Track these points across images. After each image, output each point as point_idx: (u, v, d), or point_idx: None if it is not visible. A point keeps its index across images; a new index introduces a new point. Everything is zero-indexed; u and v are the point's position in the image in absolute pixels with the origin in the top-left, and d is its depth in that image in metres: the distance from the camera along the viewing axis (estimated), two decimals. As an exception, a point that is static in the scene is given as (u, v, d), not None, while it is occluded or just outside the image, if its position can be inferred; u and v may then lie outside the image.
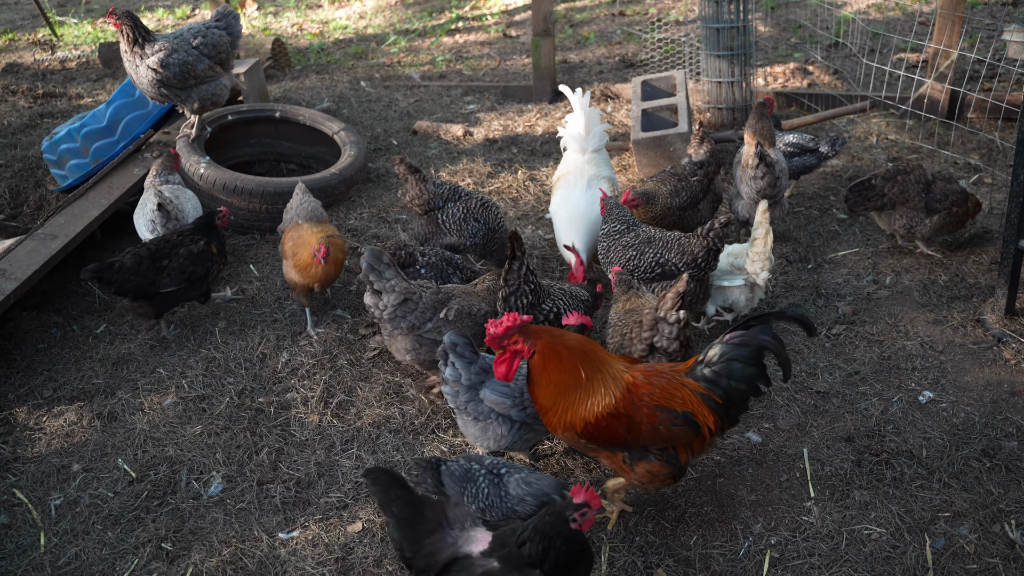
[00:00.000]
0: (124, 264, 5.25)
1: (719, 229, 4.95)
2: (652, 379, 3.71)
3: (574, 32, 11.18)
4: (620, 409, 3.61)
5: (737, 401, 3.73)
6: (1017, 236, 4.96)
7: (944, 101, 7.56)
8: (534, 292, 4.64)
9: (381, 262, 4.60)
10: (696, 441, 3.73)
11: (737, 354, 3.69)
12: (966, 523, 3.91)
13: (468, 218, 5.64)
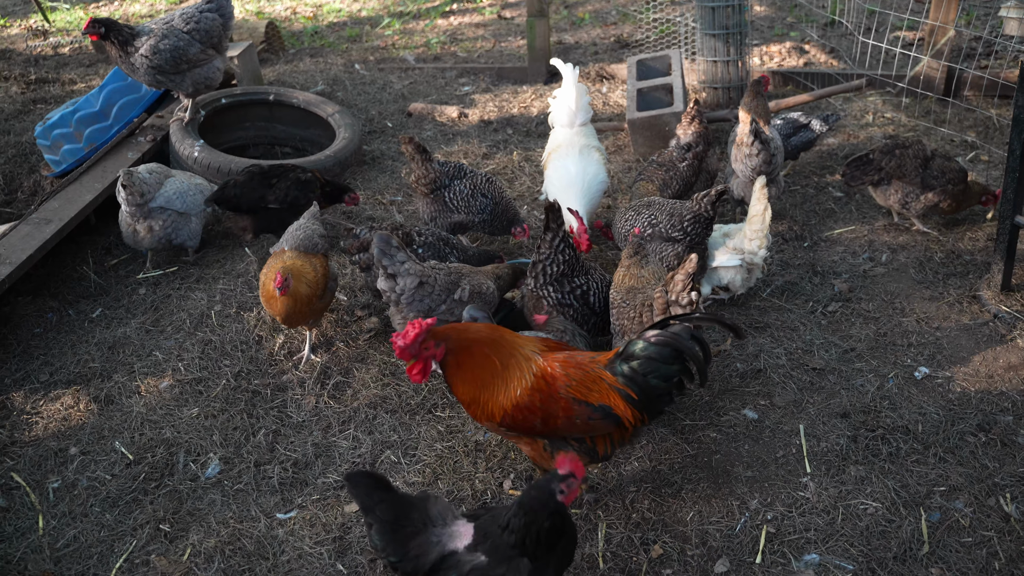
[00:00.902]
0: (239, 181, 5.95)
1: (713, 197, 4.96)
2: (570, 371, 3.66)
3: (569, 13, 11.13)
4: (536, 403, 3.58)
5: (655, 397, 3.70)
6: (1013, 212, 4.95)
7: (941, 79, 7.54)
8: (568, 263, 4.63)
9: (391, 246, 4.57)
10: (616, 432, 3.72)
11: (657, 353, 3.65)
12: (961, 497, 3.92)
13: (476, 194, 5.65)
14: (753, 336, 5.03)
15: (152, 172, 5.92)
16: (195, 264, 6.12)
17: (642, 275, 4.48)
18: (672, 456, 4.24)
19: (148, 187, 5.79)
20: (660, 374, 3.65)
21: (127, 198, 5.71)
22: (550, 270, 4.62)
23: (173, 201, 5.85)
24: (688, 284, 4.08)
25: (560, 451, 3.70)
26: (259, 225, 6.06)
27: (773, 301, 5.34)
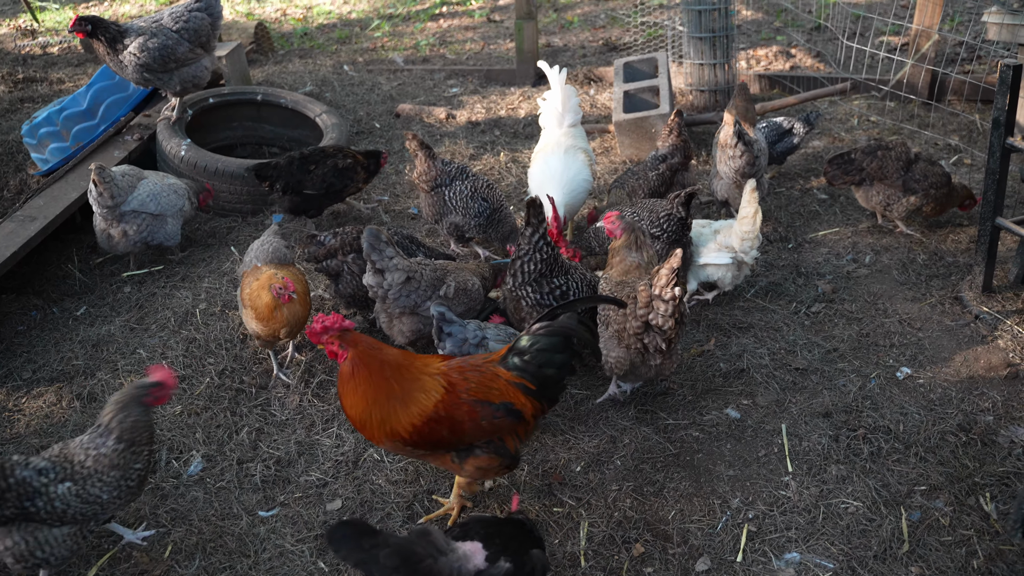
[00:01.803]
0: (279, 163, 6.08)
1: (683, 198, 5.00)
2: (467, 374, 3.67)
3: (558, 16, 11.16)
4: (440, 412, 3.57)
5: (551, 384, 3.74)
6: (994, 214, 4.99)
7: (925, 83, 7.60)
8: (546, 262, 4.58)
9: (380, 241, 4.57)
10: (520, 427, 3.72)
11: (547, 343, 3.67)
12: (942, 496, 3.95)
13: (476, 197, 5.66)
14: (736, 336, 5.05)
15: (124, 175, 5.85)
16: (181, 263, 6.11)
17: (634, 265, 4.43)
18: (655, 455, 4.25)
19: (119, 189, 5.71)
20: (554, 363, 3.69)
21: (98, 198, 5.64)
22: (528, 267, 4.57)
23: (147, 203, 5.81)
24: (672, 279, 4.04)
25: (468, 458, 3.69)
26: (294, 206, 6.17)
27: (757, 302, 5.37)
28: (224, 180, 6.51)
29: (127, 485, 3.64)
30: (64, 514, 3.51)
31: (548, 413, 3.88)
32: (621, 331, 4.21)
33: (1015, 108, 4.81)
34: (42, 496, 3.48)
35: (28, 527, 3.50)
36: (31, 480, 3.48)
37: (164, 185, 5.96)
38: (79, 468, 3.55)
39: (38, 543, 3.53)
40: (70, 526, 3.57)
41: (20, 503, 3.45)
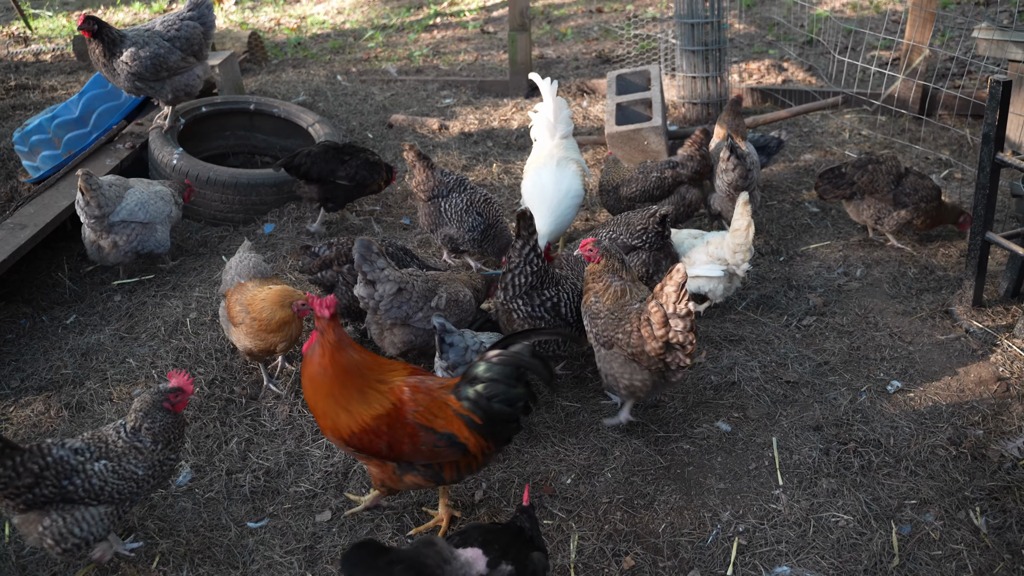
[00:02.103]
0: (312, 151, 6.19)
1: (657, 218, 5.08)
2: (418, 396, 3.63)
3: (551, 28, 11.20)
4: (381, 427, 3.57)
5: (501, 423, 3.64)
6: (984, 228, 5.02)
7: (916, 97, 7.64)
8: (536, 275, 4.56)
9: (372, 251, 4.56)
10: (463, 460, 3.67)
11: (500, 373, 3.61)
12: (932, 510, 3.95)
13: (470, 210, 5.65)
14: (728, 349, 5.05)
15: (112, 185, 5.81)
16: (172, 272, 6.09)
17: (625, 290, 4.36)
18: (645, 468, 4.25)
19: (107, 199, 5.68)
20: (504, 398, 3.60)
21: (85, 207, 5.62)
22: (519, 281, 4.54)
23: (136, 213, 5.79)
24: (680, 294, 4.02)
25: (407, 473, 3.69)
26: (325, 195, 6.26)
27: (748, 314, 5.37)
28: (216, 189, 6.50)
29: (160, 471, 3.76)
30: (101, 492, 3.60)
31: (495, 452, 3.78)
32: (638, 354, 4.14)
33: (1005, 123, 4.83)
34: (80, 474, 3.55)
35: (66, 507, 3.58)
36: (68, 459, 3.56)
37: (151, 192, 5.94)
38: (113, 447, 3.66)
39: (76, 522, 3.59)
40: (107, 505, 3.64)
41: (58, 482, 3.52)
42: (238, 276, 4.88)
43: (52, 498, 3.54)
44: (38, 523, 3.56)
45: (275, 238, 6.39)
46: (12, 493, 3.47)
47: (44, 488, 3.51)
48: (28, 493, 3.49)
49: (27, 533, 3.61)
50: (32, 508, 3.54)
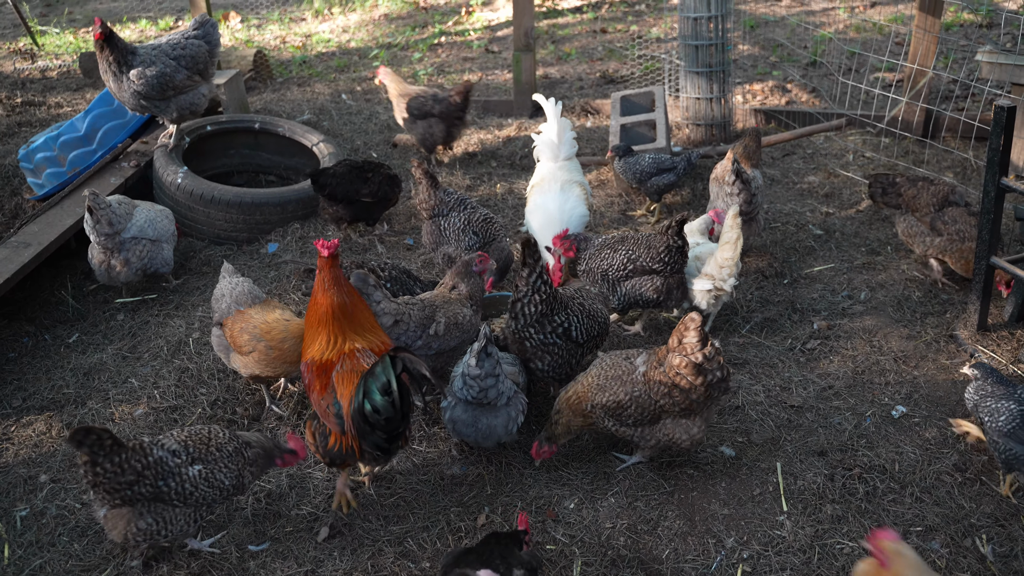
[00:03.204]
0: (337, 171, 6.30)
1: (675, 226, 5.00)
2: (351, 362, 3.94)
3: (556, 48, 11.24)
4: (312, 369, 4.00)
5: (361, 418, 3.72)
6: (988, 253, 5.01)
7: (919, 120, 7.65)
8: (545, 302, 4.51)
9: (368, 284, 4.53)
10: (343, 439, 3.90)
11: (376, 369, 3.71)
12: (938, 537, 3.92)
13: (467, 230, 5.65)
14: (732, 372, 5.02)
15: (120, 203, 5.85)
16: (175, 291, 6.09)
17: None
18: (649, 492, 4.22)
19: (117, 216, 5.71)
20: (370, 399, 3.70)
21: (95, 226, 5.63)
22: (528, 310, 4.49)
23: (146, 230, 5.81)
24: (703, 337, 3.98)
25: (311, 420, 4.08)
26: (352, 214, 6.38)
27: (752, 337, 5.36)
28: (220, 208, 6.51)
29: (241, 483, 3.90)
30: (190, 496, 3.73)
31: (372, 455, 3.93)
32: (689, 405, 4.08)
33: (1009, 149, 4.83)
34: (175, 477, 3.69)
35: (155, 506, 3.71)
36: (166, 461, 3.69)
37: (157, 211, 6.00)
38: (210, 452, 3.81)
39: (164, 522, 3.74)
40: (191, 508, 3.77)
41: (156, 482, 3.66)
42: (236, 304, 4.80)
43: (147, 496, 3.66)
44: (133, 520, 3.69)
45: (278, 257, 6.39)
46: (113, 488, 3.59)
47: (143, 487, 3.63)
48: (128, 490, 3.61)
49: (112, 528, 3.72)
50: (128, 504, 3.66)
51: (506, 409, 4.25)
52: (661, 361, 4.09)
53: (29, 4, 14.11)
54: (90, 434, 3.53)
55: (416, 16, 12.93)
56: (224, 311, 4.83)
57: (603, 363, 4.27)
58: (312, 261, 6.17)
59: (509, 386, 4.29)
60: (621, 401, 4.12)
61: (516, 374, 4.49)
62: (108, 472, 3.57)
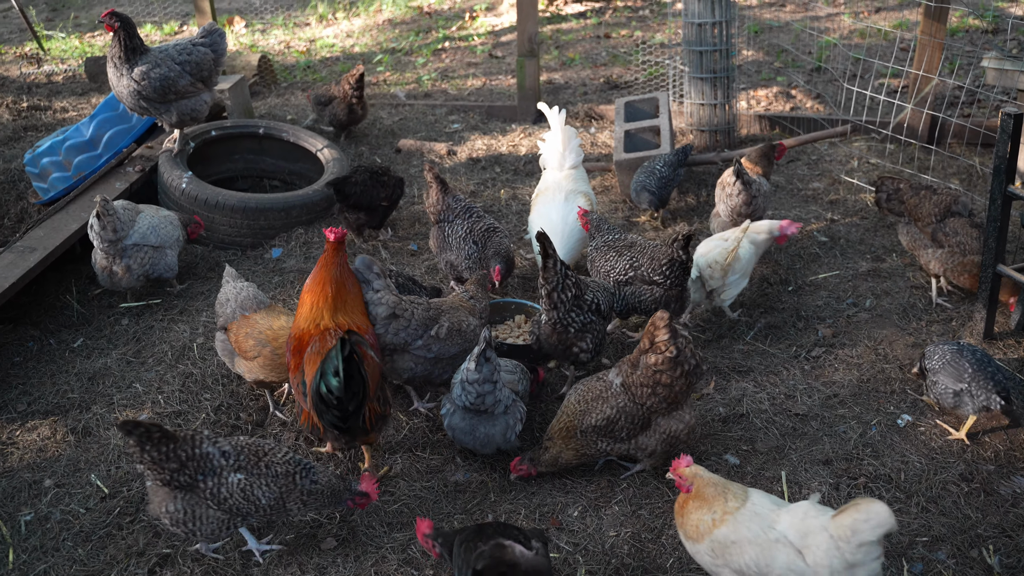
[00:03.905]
0: (358, 180, 6.39)
1: (681, 241, 4.98)
2: (323, 340, 4.17)
3: (559, 53, 11.24)
4: (291, 341, 4.28)
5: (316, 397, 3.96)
6: (995, 261, 4.99)
7: (924, 126, 7.63)
8: (575, 286, 4.68)
9: (371, 271, 4.53)
10: (309, 416, 4.16)
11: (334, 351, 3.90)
12: (944, 548, 3.90)
13: (468, 239, 5.65)
14: (736, 380, 5.02)
15: (125, 208, 5.87)
16: (179, 296, 6.09)
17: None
18: (653, 501, 4.21)
19: (122, 223, 5.73)
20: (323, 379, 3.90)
21: (100, 232, 5.65)
22: (566, 296, 4.62)
23: (148, 236, 5.82)
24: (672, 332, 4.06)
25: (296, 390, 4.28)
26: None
27: (757, 345, 5.35)
28: (224, 213, 6.51)
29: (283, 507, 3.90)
30: (224, 501, 3.77)
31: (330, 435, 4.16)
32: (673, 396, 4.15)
33: (1016, 156, 4.82)
34: (214, 477, 3.76)
35: (191, 498, 3.77)
36: (213, 458, 3.77)
37: (161, 217, 6.01)
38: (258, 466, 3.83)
39: (194, 516, 3.79)
40: (223, 514, 3.81)
41: (194, 475, 3.73)
42: (241, 309, 4.80)
43: (184, 486, 3.74)
44: (166, 501, 3.77)
45: (282, 263, 6.39)
46: (158, 469, 3.70)
47: (182, 476, 3.72)
48: (168, 474, 3.70)
49: (151, 500, 3.84)
50: (167, 485, 3.74)
51: (504, 417, 4.25)
52: (636, 364, 4.15)
53: (35, 8, 14.16)
54: (139, 427, 3.66)
55: (420, 21, 12.95)
56: (229, 316, 4.83)
57: (578, 389, 4.31)
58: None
59: (507, 395, 4.30)
60: (610, 416, 4.15)
61: (515, 383, 4.49)
62: (155, 458, 3.69)
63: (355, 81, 8.03)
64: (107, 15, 6.34)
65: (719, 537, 3.36)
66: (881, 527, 3.10)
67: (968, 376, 4.36)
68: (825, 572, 3.18)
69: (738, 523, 3.34)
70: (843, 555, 3.15)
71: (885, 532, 3.11)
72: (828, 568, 3.17)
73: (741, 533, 3.32)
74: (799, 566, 3.22)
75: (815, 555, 3.20)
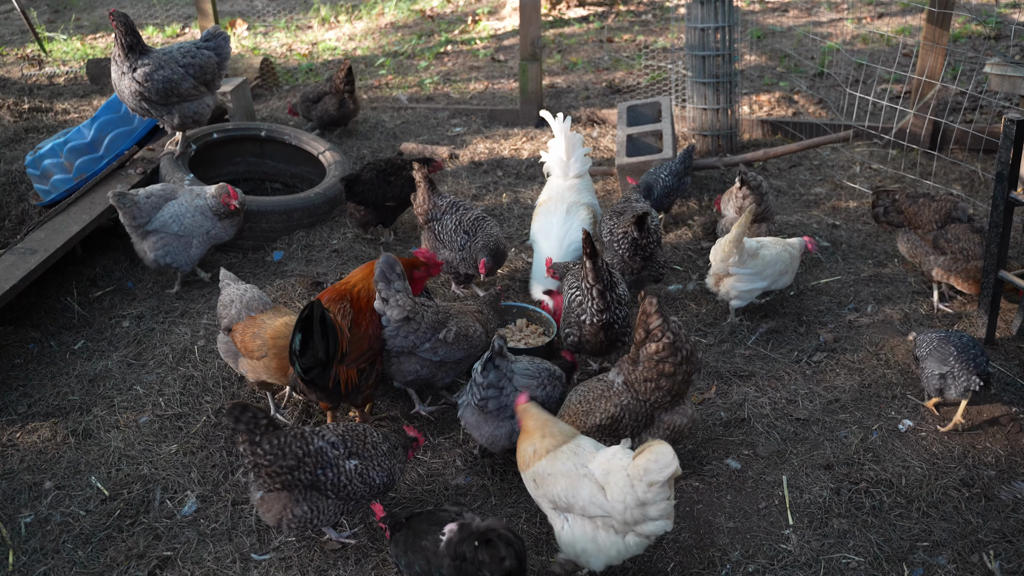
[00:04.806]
0: (366, 179, 6.43)
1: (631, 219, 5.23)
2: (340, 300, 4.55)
3: (562, 57, 11.25)
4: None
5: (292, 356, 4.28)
6: (997, 266, 4.99)
7: (927, 132, 7.64)
8: (619, 283, 4.79)
9: (394, 271, 4.52)
10: None
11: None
12: (944, 553, 3.90)
13: (458, 230, 5.63)
14: (738, 384, 5.02)
15: (151, 195, 5.98)
16: (179, 298, 6.09)
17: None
18: (654, 505, 4.20)
19: (141, 211, 5.88)
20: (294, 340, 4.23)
21: (123, 219, 5.90)
22: (613, 294, 4.69)
23: (169, 224, 5.90)
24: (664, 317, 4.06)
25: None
26: (378, 218, 6.59)
27: (758, 350, 5.34)
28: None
29: (392, 480, 4.01)
30: (344, 489, 3.84)
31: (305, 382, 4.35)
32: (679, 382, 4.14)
33: (1019, 162, 4.82)
34: (333, 468, 3.81)
35: (311, 495, 3.82)
36: (326, 451, 3.81)
37: (191, 207, 5.99)
38: (369, 448, 3.94)
39: (318, 511, 3.85)
40: (342, 501, 3.88)
41: (315, 471, 3.77)
42: (247, 310, 4.81)
43: (304, 484, 3.77)
44: (290, 507, 3.79)
45: (283, 265, 6.39)
46: (275, 472, 3.71)
47: (302, 473, 3.75)
48: (288, 475, 3.72)
49: (266, 510, 3.83)
50: (287, 489, 3.77)
51: (510, 422, 4.24)
52: (636, 360, 4.14)
53: (37, 10, 14.18)
54: (247, 411, 3.71)
55: (422, 25, 12.96)
56: (234, 317, 4.83)
57: (578, 390, 4.31)
58: (314, 270, 6.18)
59: None
60: (614, 415, 4.13)
61: (534, 388, 4.38)
62: (268, 454, 3.69)
63: (344, 75, 8.13)
64: (111, 14, 6.39)
65: (539, 469, 3.69)
66: (667, 467, 3.36)
67: (952, 359, 4.49)
68: (620, 507, 3.45)
69: (556, 458, 3.66)
70: (636, 493, 3.42)
71: (671, 474, 3.35)
72: (623, 503, 3.45)
73: (557, 467, 3.63)
74: (599, 499, 3.51)
75: (613, 491, 3.48)
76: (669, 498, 3.44)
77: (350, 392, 4.48)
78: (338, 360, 4.37)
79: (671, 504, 3.46)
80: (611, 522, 3.50)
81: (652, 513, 3.44)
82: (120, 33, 6.37)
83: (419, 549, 3.49)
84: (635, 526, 3.48)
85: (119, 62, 6.42)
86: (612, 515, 3.48)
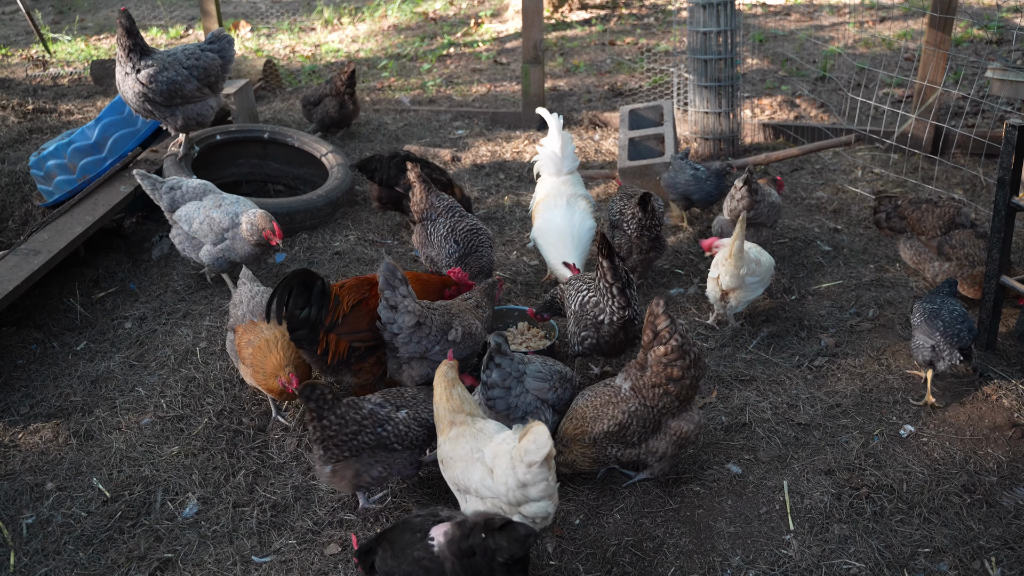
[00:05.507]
0: (383, 158, 6.68)
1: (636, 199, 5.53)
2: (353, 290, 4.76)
3: (564, 60, 11.26)
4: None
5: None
6: (999, 272, 4.99)
7: (928, 136, 7.64)
8: (629, 277, 4.82)
9: (396, 277, 4.52)
10: None
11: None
12: (946, 559, 3.90)
13: (449, 237, 5.64)
14: (739, 389, 5.02)
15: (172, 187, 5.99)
16: (182, 300, 6.10)
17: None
18: (654, 510, 4.21)
19: (160, 196, 5.96)
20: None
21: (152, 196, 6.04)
22: (631, 292, 4.73)
23: (181, 220, 5.92)
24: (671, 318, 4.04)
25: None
26: (386, 199, 6.76)
27: (759, 354, 5.35)
28: (229, 217, 6.51)
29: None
30: (405, 437, 4.11)
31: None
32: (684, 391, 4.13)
33: (1020, 167, 4.82)
34: (390, 422, 4.09)
35: (379, 454, 4.08)
36: (377, 411, 4.11)
37: (206, 216, 5.81)
38: (410, 398, 4.25)
39: (391, 467, 4.12)
40: (409, 451, 4.15)
41: (375, 429, 4.04)
42: (251, 314, 4.82)
43: (370, 445, 4.04)
44: (365, 471, 4.06)
45: (285, 267, 6.40)
46: (341, 441, 3.99)
47: (365, 435, 4.02)
48: (354, 440, 4.00)
49: (340, 480, 4.08)
50: (355, 456, 4.02)
51: (522, 423, 4.21)
52: (644, 365, 4.12)
53: (41, 11, 14.21)
54: (316, 389, 3.97)
55: (425, 27, 12.98)
56: (239, 317, 4.88)
57: (585, 395, 4.30)
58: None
59: (529, 401, 4.29)
60: (621, 421, 4.13)
61: (545, 390, 4.35)
62: (333, 425, 3.96)
63: (347, 77, 8.27)
64: (122, 12, 6.42)
65: (442, 452, 3.88)
66: (543, 448, 3.45)
67: (939, 333, 4.62)
68: (503, 488, 3.58)
69: (456, 441, 3.82)
70: (516, 474, 3.54)
71: (546, 454, 3.44)
72: (505, 485, 3.57)
73: (456, 451, 3.80)
74: (488, 482, 3.65)
75: (498, 473, 3.61)
76: (548, 479, 3.55)
77: (336, 364, 4.62)
78: (326, 328, 4.56)
79: (552, 485, 3.58)
80: (499, 503, 3.63)
81: (533, 494, 3.56)
82: (122, 34, 6.38)
83: (413, 561, 3.38)
84: (519, 507, 3.60)
85: (123, 63, 6.43)
86: (498, 496, 3.61)
